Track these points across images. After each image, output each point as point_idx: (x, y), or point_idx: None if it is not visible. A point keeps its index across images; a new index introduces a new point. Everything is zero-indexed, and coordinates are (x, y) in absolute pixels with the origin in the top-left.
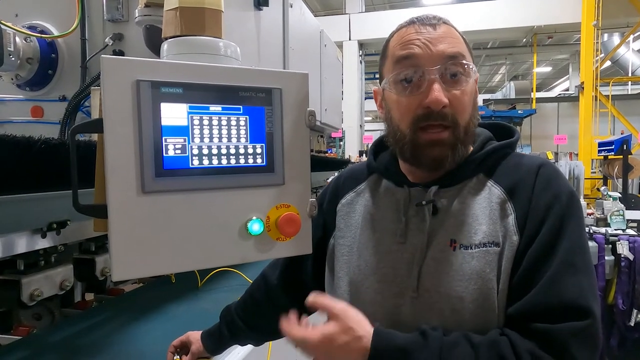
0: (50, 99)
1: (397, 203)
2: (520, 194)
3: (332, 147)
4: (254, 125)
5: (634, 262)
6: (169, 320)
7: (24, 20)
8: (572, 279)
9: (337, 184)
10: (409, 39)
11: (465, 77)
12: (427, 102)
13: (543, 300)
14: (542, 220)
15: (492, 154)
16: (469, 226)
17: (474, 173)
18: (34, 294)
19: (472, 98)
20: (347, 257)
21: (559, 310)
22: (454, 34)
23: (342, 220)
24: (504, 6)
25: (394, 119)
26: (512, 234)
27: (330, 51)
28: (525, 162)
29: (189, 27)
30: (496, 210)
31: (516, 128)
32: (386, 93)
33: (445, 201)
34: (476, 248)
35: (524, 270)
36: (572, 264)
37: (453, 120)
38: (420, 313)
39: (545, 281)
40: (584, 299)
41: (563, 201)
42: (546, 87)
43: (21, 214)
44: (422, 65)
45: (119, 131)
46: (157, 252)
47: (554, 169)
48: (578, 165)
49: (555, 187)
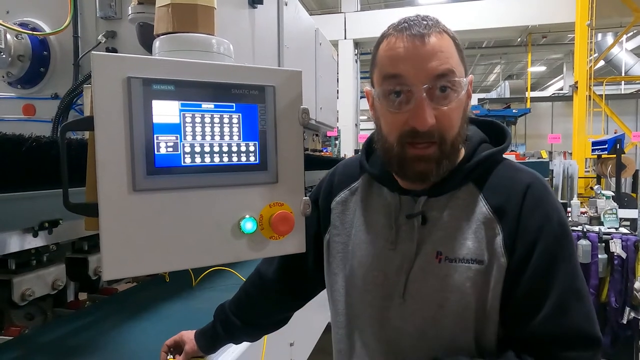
0: (43, 97)
1: (389, 208)
2: (508, 214)
3: (327, 146)
4: (247, 123)
5: (627, 261)
6: (163, 320)
7: (15, 17)
8: (579, 306)
9: (331, 180)
10: (397, 54)
11: (455, 91)
12: (413, 123)
13: (556, 328)
14: (534, 242)
15: (483, 163)
16: (456, 240)
17: (463, 182)
18: (25, 294)
19: (461, 112)
20: (342, 255)
21: (572, 338)
22: (445, 45)
23: (337, 218)
24: (499, 6)
25: (383, 129)
26: (500, 255)
27: (325, 50)
28: (515, 178)
29: (181, 24)
30: (482, 229)
31: (508, 128)
32: (375, 100)
33: (434, 212)
34: (460, 262)
35: (526, 291)
36: (576, 289)
37: (440, 136)
38: (406, 317)
39: (555, 307)
40: (593, 327)
41: (555, 222)
42: (540, 86)
43: (12, 213)
44: (409, 84)
45: (110, 129)
46: (149, 250)
47: (543, 187)
48: (572, 164)
49: (545, 207)
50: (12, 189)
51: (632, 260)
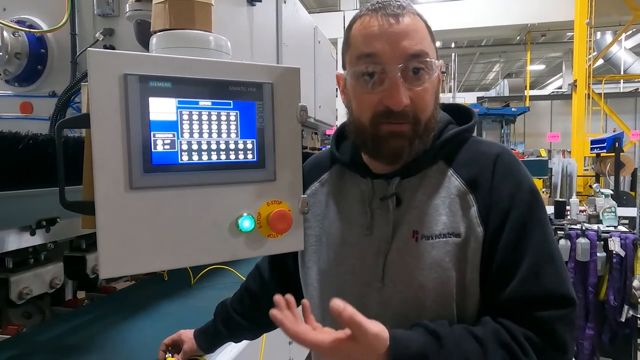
0: (40, 94)
1: (362, 194)
2: (480, 185)
3: (326, 144)
4: (244, 120)
5: (626, 259)
6: (162, 318)
7: (12, 15)
8: (551, 268)
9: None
10: (372, 32)
11: (428, 73)
12: (388, 103)
13: (529, 290)
14: (507, 210)
15: (451, 140)
16: (430, 217)
17: (433, 161)
18: (23, 292)
19: (434, 93)
20: (316, 247)
21: (545, 299)
22: (418, 26)
23: (309, 211)
24: (498, 4)
25: (355, 111)
26: (476, 225)
27: (324, 48)
28: (483, 150)
29: (178, 21)
30: (456, 202)
31: (474, 110)
32: (348, 83)
33: (407, 192)
34: (436, 238)
35: (500, 260)
36: (549, 253)
37: (414, 117)
38: (385, 302)
39: (528, 271)
40: (566, 289)
41: (526, 190)
42: (539, 85)
43: (9, 211)
44: (383, 63)
45: (106, 126)
46: (146, 249)
47: (511, 156)
48: (571, 162)
49: (515, 175)
50: (9, 187)
51: (630, 258)
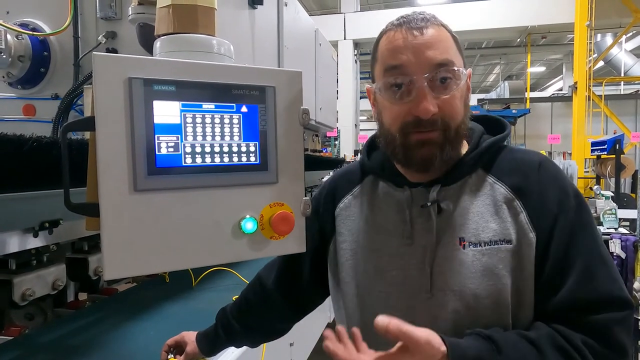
0: (43, 97)
1: (399, 204)
2: (527, 191)
3: (327, 146)
4: (247, 123)
5: (626, 261)
6: (163, 320)
7: (15, 18)
8: (604, 270)
9: (331, 188)
10: (397, 45)
11: (455, 81)
12: (416, 112)
13: (584, 294)
14: (556, 216)
15: (489, 149)
16: (476, 224)
17: (472, 169)
18: (25, 294)
19: (462, 100)
20: (352, 262)
21: (600, 301)
22: (443, 36)
23: (342, 225)
24: (498, 6)
25: (385, 122)
26: (528, 231)
27: (325, 50)
28: (524, 158)
29: (181, 25)
30: (504, 209)
31: (505, 120)
32: (377, 95)
33: (448, 200)
34: (486, 245)
35: (552, 265)
36: (600, 255)
37: (443, 123)
38: (435, 313)
39: (581, 275)
40: (621, 290)
41: (572, 195)
42: (540, 87)
43: (13, 213)
44: (410, 74)
45: (111, 129)
46: (150, 250)
47: (553, 164)
48: (571, 164)
49: (560, 181)
50: (12, 189)
51: (631, 260)
